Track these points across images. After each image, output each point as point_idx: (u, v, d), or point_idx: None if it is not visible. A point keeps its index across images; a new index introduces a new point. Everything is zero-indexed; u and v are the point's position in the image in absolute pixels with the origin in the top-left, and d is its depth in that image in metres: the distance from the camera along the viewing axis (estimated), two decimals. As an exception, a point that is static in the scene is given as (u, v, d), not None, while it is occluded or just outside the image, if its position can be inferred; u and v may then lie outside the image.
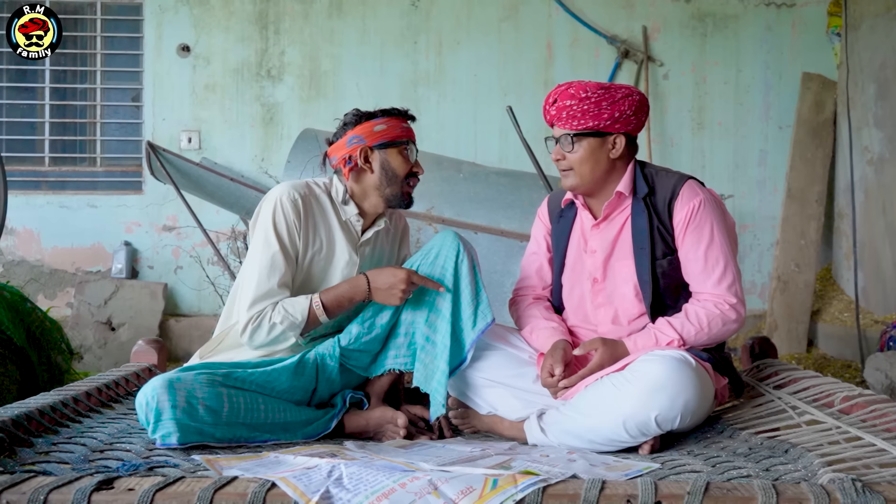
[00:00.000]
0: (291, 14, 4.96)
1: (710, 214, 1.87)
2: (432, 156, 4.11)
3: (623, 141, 1.90)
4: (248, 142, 4.96)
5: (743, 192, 4.96)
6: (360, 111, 1.98)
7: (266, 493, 1.24)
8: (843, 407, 1.79)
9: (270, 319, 1.84)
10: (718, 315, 1.84)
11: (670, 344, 1.81)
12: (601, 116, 1.86)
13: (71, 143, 5.06)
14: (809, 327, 4.58)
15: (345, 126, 1.97)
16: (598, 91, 1.87)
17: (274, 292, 1.85)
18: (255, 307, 1.84)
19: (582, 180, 1.91)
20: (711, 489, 1.24)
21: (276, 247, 1.86)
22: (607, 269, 1.94)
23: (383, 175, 1.94)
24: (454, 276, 1.92)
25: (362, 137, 1.93)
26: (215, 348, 1.94)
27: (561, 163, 1.92)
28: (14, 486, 1.24)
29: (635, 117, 1.90)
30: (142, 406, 1.67)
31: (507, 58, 4.98)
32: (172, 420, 1.63)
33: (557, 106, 1.89)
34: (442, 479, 1.29)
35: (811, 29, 4.96)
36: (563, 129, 1.90)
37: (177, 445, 1.64)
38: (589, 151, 1.89)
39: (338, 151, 1.97)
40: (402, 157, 1.96)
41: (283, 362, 1.87)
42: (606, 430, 1.71)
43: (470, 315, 1.91)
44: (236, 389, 1.75)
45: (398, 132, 1.95)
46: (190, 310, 4.93)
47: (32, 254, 4.88)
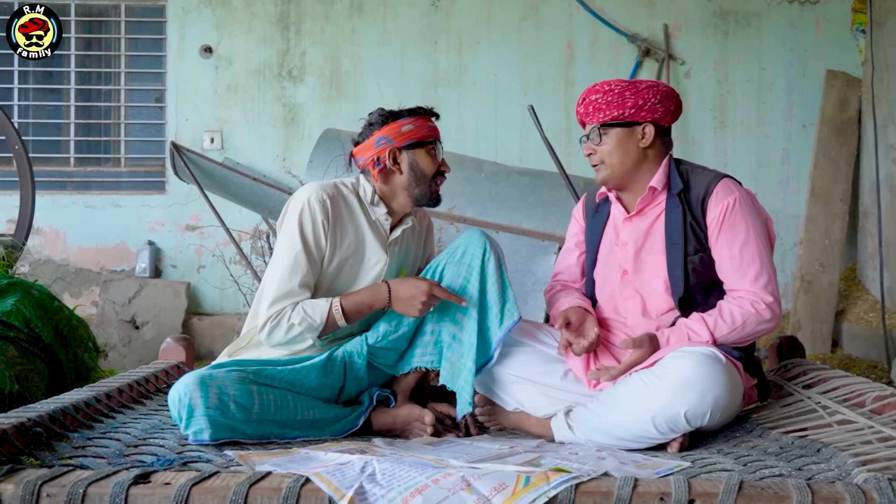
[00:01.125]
0: (312, 15, 4.99)
1: (745, 213, 1.86)
2: (453, 155, 4.10)
3: (652, 130, 1.91)
4: (269, 142, 4.99)
5: (766, 191, 4.91)
6: (385, 111, 1.97)
7: (300, 489, 1.25)
8: (874, 407, 1.77)
9: (289, 320, 1.84)
10: (754, 314, 1.83)
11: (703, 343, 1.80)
12: (625, 105, 1.88)
13: (96, 143, 5.12)
14: (834, 328, 4.53)
15: (371, 126, 1.96)
16: (623, 84, 1.91)
17: (294, 292, 1.86)
18: (275, 306, 1.85)
19: (612, 172, 1.92)
20: (745, 488, 1.24)
21: (300, 247, 1.87)
22: (637, 261, 1.94)
23: (412, 175, 1.95)
24: (480, 274, 1.92)
25: (390, 138, 1.93)
26: (244, 346, 1.96)
27: (592, 157, 1.94)
28: (54, 479, 1.26)
29: (661, 105, 1.90)
30: (174, 402, 1.69)
31: (528, 57, 4.97)
32: (205, 416, 1.65)
33: (586, 103, 1.92)
34: (474, 475, 1.29)
35: (835, 26, 4.91)
36: (592, 124, 1.93)
37: (209, 441, 1.65)
38: (616, 141, 1.90)
39: (365, 152, 1.96)
40: (430, 156, 1.96)
41: (312, 360, 1.88)
42: (635, 426, 1.71)
43: (497, 313, 1.91)
44: (266, 387, 1.77)
45: (425, 132, 1.96)
46: (212, 308, 4.97)
47: (58, 253, 4.95)
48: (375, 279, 1.96)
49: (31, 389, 2.74)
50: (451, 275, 1.95)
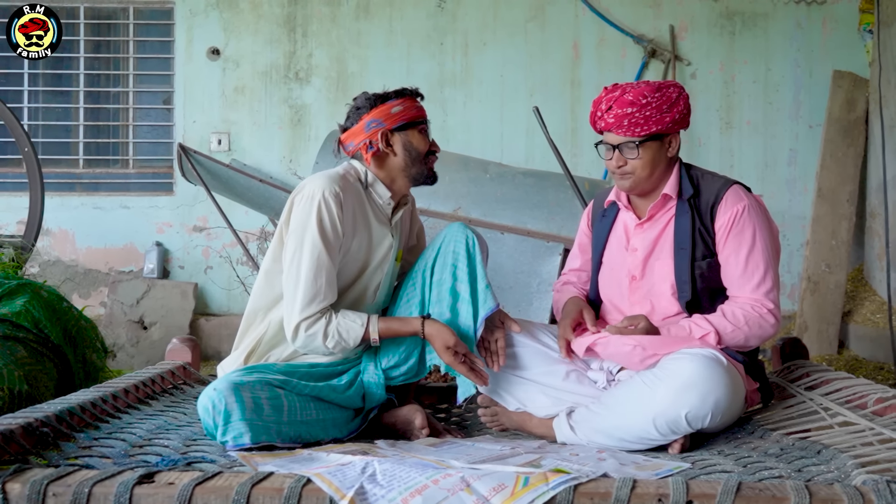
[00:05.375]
0: (319, 17, 5.01)
1: (754, 221, 1.87)
2: (459, 156, 4.12)
3: (678, 140, 1.93)
4: (276, 143, 5.02)
5: (772, 191, 4.90)
6: (370, 94, 1.95)
7: (302, 489, 1.26)
8: (876, 408, 1.77)
9: (325, 336, 1.83)
10: (757, 317, 1.84)
11: (705, 337, 1.81)
12: (664, 121, 1.87)
13: (104, 145, 5.16)
14: (840, 329, 4.52)
15: (359, 110, 1.94)
16: (656, 95, 1.87)
17: (323, 292, 1.82)
18: (307, 310, 1.81)
19: (639, 182, 1.92)
20: (743, 489, 1.24)
21: (321, 246, 1.82)
22: (646, 267, 1.95)
23: (407, 156, 1.93)
24: (468, 262, 1.93)
25: (381, 121, 1.91)
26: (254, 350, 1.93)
27: (622, 168, 1.91)
28: (59, 478, 1.28)
29: (689, 114, 1.93)
30: (208, 410, 1.66)
31: (534, 58, 4.98)
32: (243, 420, 1.64)
33: (616, 114, 1.87)
34: (474, 476, 1.30)
35: (842, 26, 4.89)
36: (625, 137, 1.88)
37: (250, 445, 1.64)
38: (652, 156, 1.89)
39: (355, 137, 1.93)
40: (422, 136, 1.96)
41: (332, 382, 1.89)
42: (636, 427, 1.72)
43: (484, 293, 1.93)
44: (291, 392, 1.78)
45: (415, 112, 1.94)
46: (220, 309, 5.00)
47: (67, 254, 4.99)
48: (382, 261, 1.97)
49: (39, 390, 2.76)
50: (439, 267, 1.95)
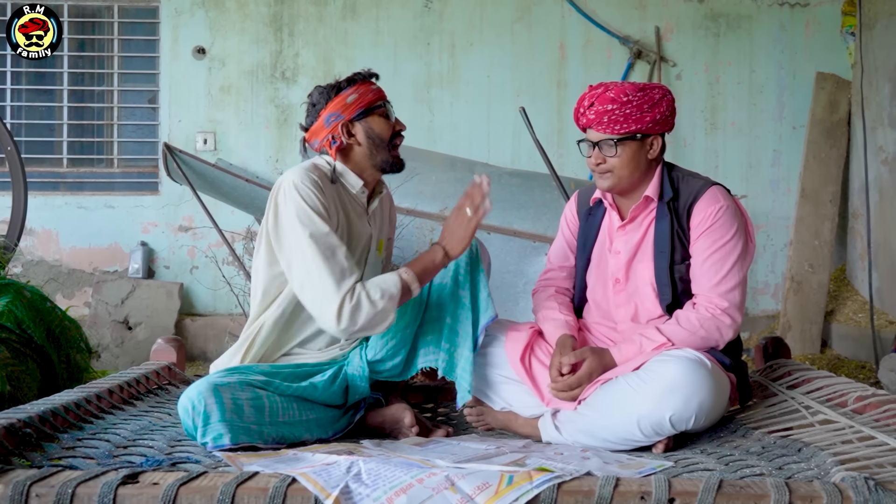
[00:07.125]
0: (306, 16, 5.00)
1: (728, 223, 1.86)
2: (446, 156, 4.13)
3: (660, 142, 1.91)
4: (262, 143, 5.00)
5: (756, 192, 4.95)
6: (323, 87, 1.91)
7: (287, 488, 1.27)
8: (856, 407, 1.80)
9: (369, 297, 1.75)
10: (710, 318, 1.83)
11: (658, 349, 1.80)
12: (643, 120, 1.86)
13: (88, 144, 5.12)
14: (823, 328, 4.57)
15: (315, 107, 1.91)
16: (638, 94, 1.86)
17: (347, 267, 1.77)
18: (342, 288, 1.74)
19: (620, 182, 1.91)
20: (724, 487, 1.26)
21: (325, 228, 1.78)
22: (629, 270, 1.95)
23: (370, 144, 1.90)
24: (470, 270, 1.92)
25: (338, 113, 1.88)
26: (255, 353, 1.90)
27: (601, 166, 1.90)
28: (42, 479, 1.28)
29: (672, 117, 1.92)
30: (188, 411, 1.66)
31: (520, 59, 4.99)
32: (222, 422, 1.63)
33: (596, 110, 1.87)
34: (458, 475, 1.31)
35: (825, 28, 4.94)
36: (604, 134, 1.88)
37: (230, 446, 1.63)
38: (630, 155, 1.88)
39: (318, 134, 1.90)
40: (382, 119, 1.92)
41: (315, 379, 1.86)
42: (621, 429, 1.73)
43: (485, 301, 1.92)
44: (273, 394, 1.76)
45: (371, 96, 1.91)
46: (205, 309, 4.97)
47: (51, 254, 4.95)
48: (362, 254, 1.94)
49: (22, 390, 2.74)
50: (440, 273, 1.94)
